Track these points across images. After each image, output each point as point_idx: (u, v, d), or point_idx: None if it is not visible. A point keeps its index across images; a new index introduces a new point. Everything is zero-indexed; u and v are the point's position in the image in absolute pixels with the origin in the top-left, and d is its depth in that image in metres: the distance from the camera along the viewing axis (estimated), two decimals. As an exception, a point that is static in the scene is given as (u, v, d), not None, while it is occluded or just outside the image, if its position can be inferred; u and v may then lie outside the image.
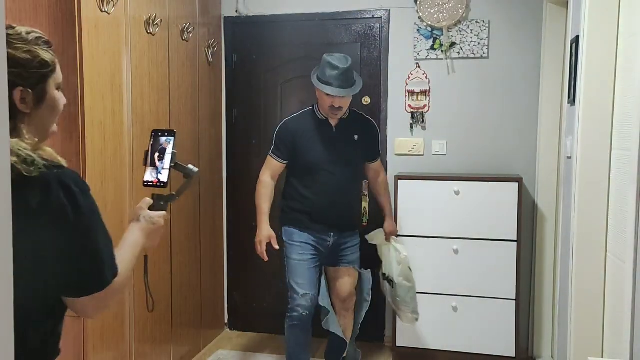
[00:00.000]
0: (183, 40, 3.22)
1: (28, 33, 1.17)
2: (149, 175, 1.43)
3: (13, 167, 0.96)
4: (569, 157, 2.61)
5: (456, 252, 3.23)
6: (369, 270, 3.13)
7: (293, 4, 3.68)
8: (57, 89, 1.22)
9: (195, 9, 3.38)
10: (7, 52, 0.89)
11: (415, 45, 3.51)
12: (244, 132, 3.84)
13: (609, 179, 2.32)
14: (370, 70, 3.62)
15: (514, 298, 3.17)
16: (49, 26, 2.32)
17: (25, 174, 1.04)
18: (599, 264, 2.34)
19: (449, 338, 3.28)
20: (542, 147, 3.34)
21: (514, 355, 3.19)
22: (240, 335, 3.90)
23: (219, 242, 3.84)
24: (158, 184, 1.43)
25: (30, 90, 1.14)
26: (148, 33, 2.84)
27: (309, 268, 2.90)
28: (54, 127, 1.23)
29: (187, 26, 3.23)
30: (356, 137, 2.97)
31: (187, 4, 3.29)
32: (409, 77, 3.55)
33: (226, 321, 3.97)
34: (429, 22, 3.46)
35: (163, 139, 1.45)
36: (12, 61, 1.07)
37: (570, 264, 2.45)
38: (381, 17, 3.57)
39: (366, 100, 3.63)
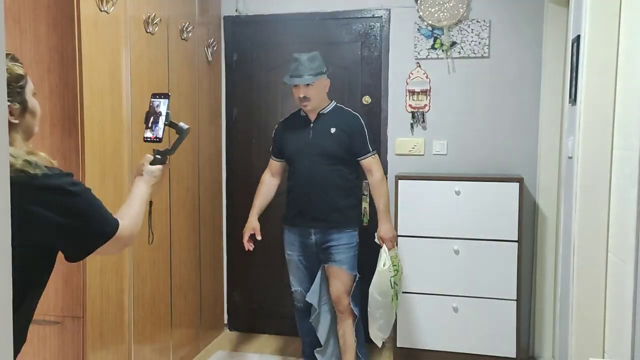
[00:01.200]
0: (182, 39, 3.21)
1: None
2: (149, 133, 1.67)
3: (19, 169, 1.25)
4: (570, 157, 2.60)
5: (457, 252, 3.22)
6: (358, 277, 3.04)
7: (293, 4, 3.67)
8: (33, 95, 1.42)
9: (194, 8, 3.38)
10: None
11: (415, 45, 3.51)
12: (243, 131, 3.83)
13: (610, 179, 2.31)
14: (371, 70, 3.61)
15: (515, 298, 3.16)
16: (48, 25, 2.32)
17: (31, 172, 1.26)
18: (600, 264, 2.33)
19: (449, 338, 3.27)
20: (543, 147, 3.33)
21: (514, 356, 3.18)
22: (240, 335, 3.89)
23: (218, 242, 3.83)
24: (155, 139, 1.66)
25: (15, 104, 1.34)
26: (147, 32, 2.84)
27: (297, 266, 3.11)
28: (36, 129, 1.45)
29: (186, 25, 3.23)
30: (333, 130, 2.96)
31: (186, 4, 3.28)
32: (410, 77, 3.54)
33: (226, 322, 3.96)
34: (430, 22, 3.45)
35: (158, 101, 1.69)
36: None
37: (571, 264, 2.44)
38: (381, 17, 3.56)
39: (366, 99, 3.62)
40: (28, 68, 2.31)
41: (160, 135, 1.66)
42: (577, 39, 2.49)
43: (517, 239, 3.14)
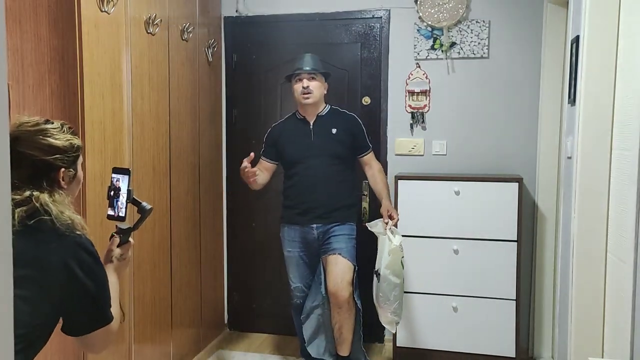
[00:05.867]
0: (183, 40, 3.22)
1: (63, 125, 1.51)
2: (110, 210, 1.66)
3: (72, 228, 1.40)
4: (569, 157, 2.61)
5: (456, 252, 3.23)
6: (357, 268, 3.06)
7: (293, 4, 3.68)
8: (80, 165, 1.55)
9: (195, 8, 3.38)
10: (52, 143, 1.44)
11: (415, 45, 3.51)
12: (244, 132, 3.84)
13: (609, 179, 2.32)
14: (370, 71, 3.62)
15: (514, 298, 3.17)
16: (49, 26, 2.32)
17: (77, 232, 1.42)
18: (599, 264, 2.34)
19: (449, 338, 3.28)
20: (543, 147, 3.34)
21: (514, 356, 3.19)
22: (240, 335, 3.90)
23: (219, 242, 3.83)
24: (117, 218, 1.65)
25: (69, 170, 1.49)
26: (148, 33, 2.84)
27: (297, 263, 3.13)
28: (76, 194, 1.58)
29: (187, 26, 3.23)
30: (334, 130, 3.05)
31: (187, 4, 3.28)
32: (409, 77, 3.55)
33: (226, 321, 3.96)
34: (429, 22, 3.46)
35: (118, 177, 1.65)
36: (56, 149, 1.45)
37: (571, 264, 2.45)
38: (381, 17, 3.57)
39: (366, 100, 3.63)
40: (29, 68, 2.33)
41: (122, 214, 1.64)
42: (577, 40, 2.49)
43: (516, 239, 3.15)
